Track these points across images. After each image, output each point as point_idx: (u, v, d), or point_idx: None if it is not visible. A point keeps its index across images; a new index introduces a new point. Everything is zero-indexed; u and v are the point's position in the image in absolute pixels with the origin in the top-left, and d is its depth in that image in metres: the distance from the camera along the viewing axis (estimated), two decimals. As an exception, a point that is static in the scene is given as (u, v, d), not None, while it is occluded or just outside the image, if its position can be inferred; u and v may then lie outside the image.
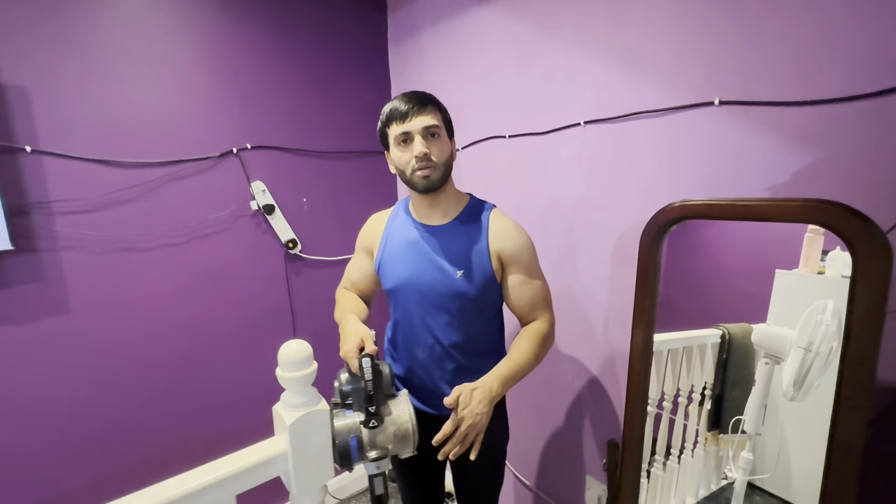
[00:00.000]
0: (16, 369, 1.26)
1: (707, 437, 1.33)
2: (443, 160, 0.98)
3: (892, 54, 0.76)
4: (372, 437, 0.90)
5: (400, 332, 1.11)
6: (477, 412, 0.90)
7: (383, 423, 0.91)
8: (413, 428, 0.93)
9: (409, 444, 0.94)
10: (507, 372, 0.96)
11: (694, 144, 1.03)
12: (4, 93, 1.18)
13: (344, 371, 0.96)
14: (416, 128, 0.95)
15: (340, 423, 0.90)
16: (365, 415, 0.90)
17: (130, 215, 1.40)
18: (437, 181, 0.98)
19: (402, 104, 0.96)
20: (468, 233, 1.04)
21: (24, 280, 1.25)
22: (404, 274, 1.05)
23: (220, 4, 1.51)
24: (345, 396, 0.94)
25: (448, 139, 1.01)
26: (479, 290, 1.02)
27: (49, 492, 1.32)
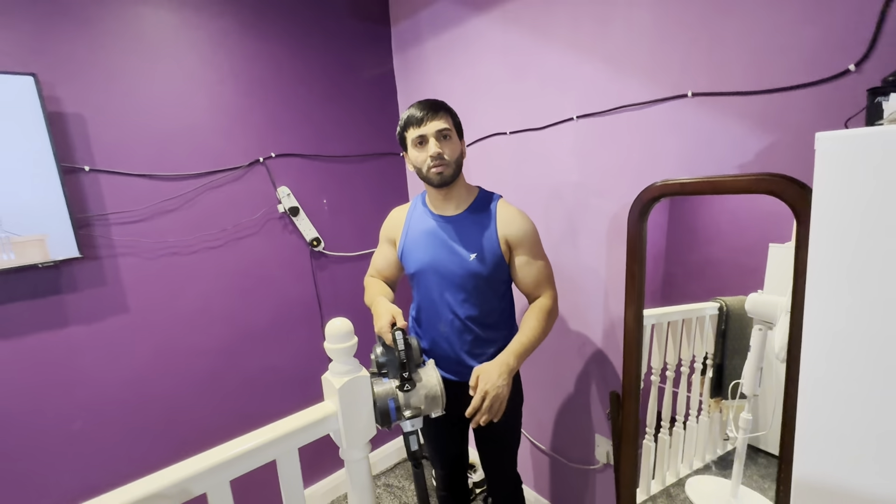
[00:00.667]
0: (88, 364, 1.43)
1: (710, 403, 1.45)
2: (454, 158, 1.13)
3: (831, 47, 0.90)
4: (406, 399, 1.05)
5: (423, 310, 1.27)
6: (498, 384, 1.06)
7: (415, 388, 1.06)
8: (441, 391, 1.08)
9: (439, 405, 1.08)
10: (519, 347, 1.12)
11: (672, 132, 1.17)
12: (66, 120, 1.35)
13: (378, 345, 1.11)
14: (431, 131, 1.10)
15: (379, 389, 1.05)
16: (399, 380, 1.05)
17: (175, 223, 1.57)
18: (450, 177, 1.13)
19: (418, 111, 1.11)
20: (479, 221, 1.18)
21: (92, 284, 1.42)
22: (425, 259, 1.20)
23: (242, 30, 1.66)
24: (380, 367, 1.09)
25: (458, 140, 1.16)
26: (491, 270, 1.17)
27: (125, 464, 1.49)
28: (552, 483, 1.82)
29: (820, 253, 0.52)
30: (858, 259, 0.49)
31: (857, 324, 0.52)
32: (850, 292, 0.51)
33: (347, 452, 1.05)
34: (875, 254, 0.48)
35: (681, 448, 1.46)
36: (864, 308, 0.51)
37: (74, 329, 1.40)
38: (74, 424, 1.41)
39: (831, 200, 0.49)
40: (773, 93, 0.98)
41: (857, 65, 0.87)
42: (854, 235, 0.49)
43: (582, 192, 1.44)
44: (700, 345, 1.36)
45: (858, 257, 0.50)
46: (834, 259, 0.51)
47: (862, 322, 0.52)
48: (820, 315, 0.54)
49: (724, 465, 1.45)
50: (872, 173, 0.45)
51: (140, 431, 1.54)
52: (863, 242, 0.48)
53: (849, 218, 0.48)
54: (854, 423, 0.56)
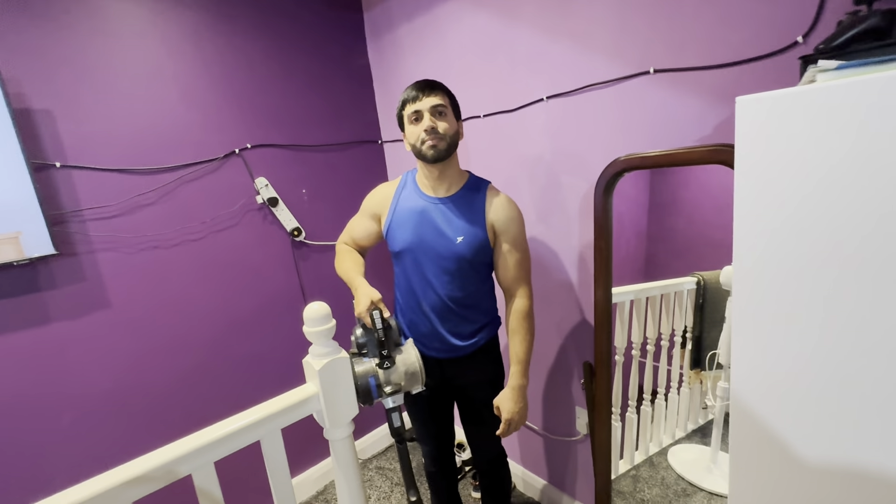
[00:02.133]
0: (73, 359, 1.44)
1: (690, 375, 1.51)
2: (449, 134, 1.15)
3: (781, 20, 0.93)
4: (387, 376, 1.09)
5: (407, 288, 1.28)
6: (516, 409, 1.20)
7: (395, 365, 1.10)
8: (420, 367, 1.12)
9: (418, 381, 1.12)
10: (522, 366, 1.22)
11: (637, 108, 1.20)
12: (33, 116, 1.33)
13: (358, 327, 1.14)
14: (426, 106, 1.13)
15: (360, 368, 1.08)
16: (379, 358, 1.09)
17: (152, 217, 1.57)
18: (444, 151, 1.15)
19: (414, 89, 1.15)
20: (468, 205, 1.21)
21: (70, 281, 1.42)
22: (412, 238, 1.22)
23: (213, 22, 1.65)
24: (360, 347, 1.12)
25: (454, 119, 1.18)
26: (475, 253, 1.20)
27: (115, 455, 1.50)
28: (537, 456, 1.88)
29: (743, 207, 0.56)
30: (774, 209, 0.54)
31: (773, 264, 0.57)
32: (770, 238, 0.56)
33: (331, 432, 1.08)
34: (789, 205, 0.53)
35: (663, 419, 1.52)
36: (781, 251, 0.56)
37: (56, 325, 1.40)
38: (63, 419, 1.43)
39: (749, 156, 0.53)
40: (728, 66, 1.02)
41: (805, 36, 0.90)
42: (771, 185, 0.53)
43: (555, 171, 1.47)
44: (679, 319, 1.41)
45: (775, 207, 0.54)
46: (754, 209, 0.55)
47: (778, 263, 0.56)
48: (743, 262, 0.59)
49: (705, 434, 1.52)
50: (781, 129, 0.49)
51: (128, 423, 1.55)
52: (779, 194, 0.53)
53: (765, 171, 0.53)
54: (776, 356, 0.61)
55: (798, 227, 0.53)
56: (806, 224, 0.52)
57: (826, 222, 0.51)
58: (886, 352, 0.50)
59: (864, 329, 0.51)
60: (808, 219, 0.51)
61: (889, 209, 0.46)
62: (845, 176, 0.48)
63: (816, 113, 0.46)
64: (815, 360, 0.56)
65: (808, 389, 0.58)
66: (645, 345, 1.46)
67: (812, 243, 0.52)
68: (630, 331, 1.43)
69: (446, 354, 1.28)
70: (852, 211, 0.48)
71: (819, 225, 0.51)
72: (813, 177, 0.50)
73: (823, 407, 0.57)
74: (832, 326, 0.54)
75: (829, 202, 0.50)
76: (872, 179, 0.46)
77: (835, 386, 0.56)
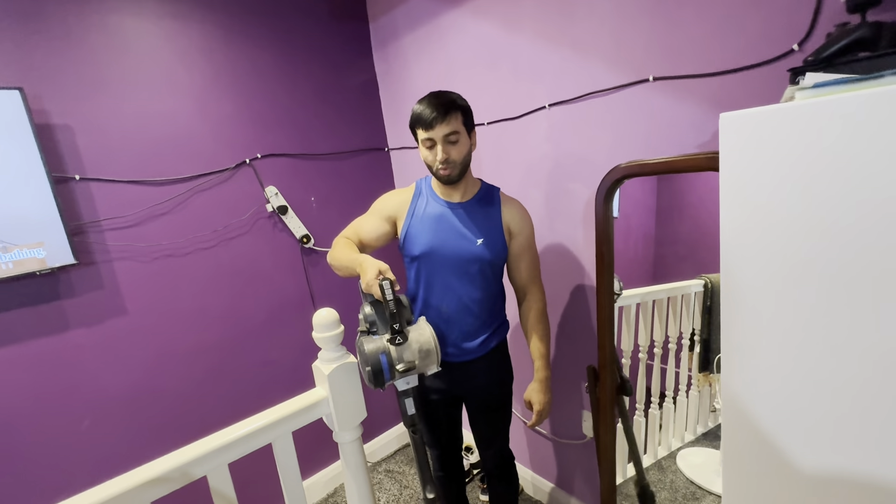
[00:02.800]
0: (91, 365, 1.49)
1: (699, 378, 1.51)
2: (461, 159, 1.18)
3: (771, 33, 0.95)
4: (399, 352, 0.99)
5: (425, 293, 1.29)
6: (548, 399, 1.28)
7: (408, 341, 1.00)
8: (435, 344, 1.02)
9: (434, 360, 1.02)
10: (545, 358, 1.28)
11: (638, 115, 1.22)
12: (54, 131, 1.39)
13: (366, 304, 1.06)
14: (438, 136, 1.13)
15: (370, 346, 0.99)
16: (391, 333, 0.99)
17: (167, 226, 1.62)
18: (457, 177, 1.20)
19: (429, 112, 1.11)
20: (484, 209, 1.26)
21: (89, 289, 1.47)
22: (433, 242, 1.24)
23: (224, 35, 1.70)
24: (370, 325, 1.03)
25: (467, 138, 1.19)
26: (495, 255, 1.24)
27: (131, 459, 1.55)
28: (545, 459, 1.89)
29: (728, 215, 0.59)
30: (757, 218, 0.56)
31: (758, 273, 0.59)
32: (754, 248, 0.58)
33: (340, 435, 1.11)
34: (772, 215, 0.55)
35: (671, 422, 1.52)
36: (765, 261, 0.58)
37: (75, 333, 1.46)
38: (82, 423, 1.48)
39: (733, 169, 0.56)
40: (725, 74, 1.03)
41: (800, 44, 0.91)
42: (753, 196, 0.55)
43: (557, 177, 1.49)
44: (687, 321, 1.41)
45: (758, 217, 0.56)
46: (739, 218, 0.57)
47: (762, 272, 0.58)
48: (730, 272, 0.61)
49: (715, 437, 1.51)
50: (762, 144, 0.52)
51: (143, 427, 1.60)
52: (761, 204, 0.55)
53: (747, 183, 0.55)
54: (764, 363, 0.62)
55: (780, 238, 0.55)
56: (788, 235, 0.54)
57: (806, 233, 0.53)
58: (869, 358, 0.51)
59: (847, 336, 0.53)
60: (790, 229, 0.53)
61: (862, 221, 0.48)
62: (823, 188, 0.50)
63: (794, 130, 0.48)
64: (800, 366, 0.57)
65: (794, 395, 0.59)
66: (652, 347, 1.47)
67: (794, 253, 0.54)
68: (637, 333, 1.44)
69: (458, 358, 1.30)
70: (830, 223, 0.50)
71: (800, 236, 0.53)
72: (792, 188, 0.52)
73: (810, 413, 0.58)
74: (816, 333, 0.55)
75: (808, 214, 0.52)
76: (847, 193, 0.48)
77: (818, 391, 0.57)
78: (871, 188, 0.46)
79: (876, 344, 0.50)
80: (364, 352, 0.99)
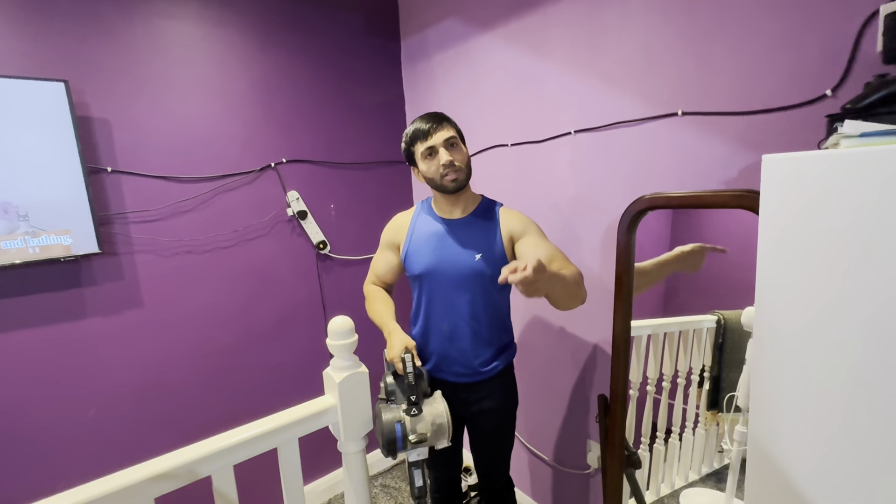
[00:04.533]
0: (104, 354, 1.51)
1: (707, 416, 1.47)
2: (465, 164, 1.19)
3: (803, 76, 0.96)
4: (413, 423, 1.06)
5: (426, 311, 1.29)
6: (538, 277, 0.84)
7: (422, 413, 1.07)
8: (448, 420, 1.08)
9: (445, 435, 1.08)
10: (555, 273, 0.98)
11: (663, 148, 1.23)
12: (92, 124, 1.44)
13: (388, 374, 1.14)
14: (439, 141, 1.15)
15: (388, 415, 1.05)
16: (407, 404, 1.07)
17: (190, 223, 1.65)
18: (464, 181, 1.19)
19: (424, 124, 1.17)
20: (483, 223, 1.24)
21: (109, 279, 1.50)
22: (431, 260, 1.24)
23: (260, 43, 1.76)
24: (389, 394, 1.11)
25: (464, 146, 1.22)
26: (495, 270, 1.21)
27: (135, 451, 1.55)
28: (545, 487, 1.85)
29: (766, 255, 0.58)
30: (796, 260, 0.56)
31: (793, 313, 0.58)
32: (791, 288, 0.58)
33: (345, 445, 1.10)
34: (811, 258, 0.55)
35: (676, 460, 1.48)
36: (801, 301, 0.57)
37: (92, 321, 1.48)
38: (89, 411, 1.49)
39: (773, 210, 0.56)
40: (756, 114, 1.04)
41: (834, 90, 0.92)
42: (793, 238, 0.55)
43: (578, 203, 1.50)
44: (697, 357, 1.39)
45: (797, 259, 0.56)
46: (777, 258, 0.57)
47: (798, 313, 0.58)
48: (765, 309, 0.60)
49: (720, 479, 1.47)
50: (804, 188, 0.52)
51: (150, 421, 1.60)
52: (799, 248, 0.55)
53: (788, 224, 0.55)
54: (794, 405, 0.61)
55: (819, 283, 0.54)
56: (827, 281, 0.53)
57: (845, 277, 0.52)
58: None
59: (886, 383, 0.52)
60: (829, 276, 0.53)
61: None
62: (865, 237, 0.50)
63: (838, 176, 0.48)
64: (833, 411, 0.56)
65: (825, 440, 0.58)
66: (661, 381, 1.44)
67: (833, 300, 0.53)
68: (646, 366, 1.42)
69: (463, 379, 1.29)
70: (872, 269, 0.50)
71: (838, 279, 0.53)
72: (832, 233, 0.51)
73: (842, 458, 0.57)
74: (851, 378, 0.54)
75: (848, 259, 0.51)
76: (889, 241, 0.47)
77: (853, 438, 0.56)
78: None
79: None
80: (381, 419, 1.04)
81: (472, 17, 1.74)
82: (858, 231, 0.50)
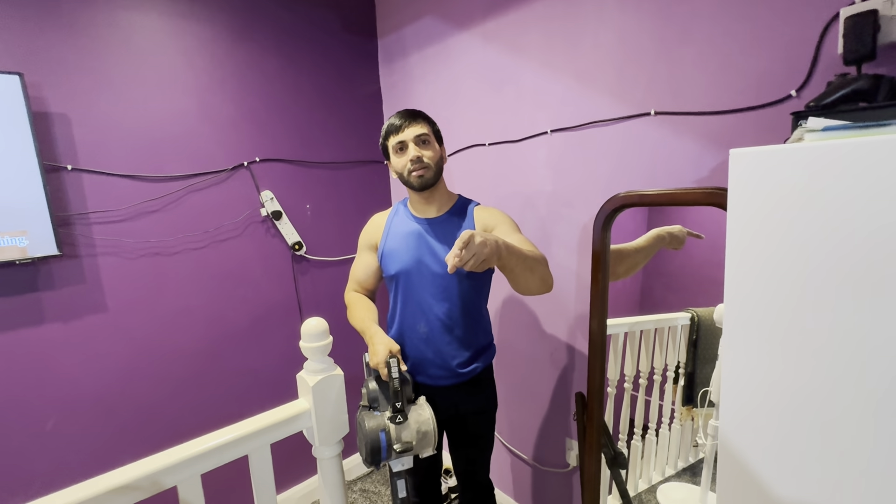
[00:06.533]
0: (64, 362, 1.43)
1: (682, 411, 1.50)
2: (434, 162, 1.18)
3: (770, 77, 0.98)
4: (398, 431, 1.02)
5: (402, 312, 1.28)
6: (481, 241, 0.87)
7: (407, 420, 1.04)
8: (433, 427, 1.05)
9: (430, 442, 1.06)
10: (508, 242, 0.96)
11: (637, 147, 1.25)
12: (50, 119, 1.37)
13: (371, 379, 1.11)
14: (409, 136, 1.15)
15: (371, 423, 1.02)
16: (391, 411, 1.03)
17: (157, 224, 1.58)
18: (431, 179, 1.18)
19: (397, 119, 1.17)
20: (459, 223, 1.24)
21: (69, 282, 1.43)
22: (406, 260, 1.23)
23: (232, 38, 1.71)
24: (372, 401, 1.08)
25: (437, 145, 1.21)
26: (470, 269, 1.20)
27: (98, 465, 1.48)
28: (525, 487, 1.85)
29: (734, 249, 0.59)
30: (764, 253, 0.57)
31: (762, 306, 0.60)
32: (759, 281, 0.59)
33: (319, 450, 1.07)
34: (778, 250, 0.56)
35: (653, 455, 1.50)
36: (770, 294, 0.58)
37: (50, 327, 1.40)
38: (47, 423, 1.41)
39: (740, 203, 0.57)
40: (726, 114, 1.06)
41: (798, 90, 0.95)
42: (760, 231, 0.56)
43: (554, 202, 1.50)
44: (673, 354, 1.41)
45: (765, 252, 0.57)
46: (745, 252, 0.58)
47: (767, 305, 0.59)
48: (733, 303, 0.61)
49: (695, 472, 1.49)
50: (770, 181, 0.53)
51: (115, 432, 1.53)
52: (766, 241, 0.56)
53: (754, 217, 0.56)
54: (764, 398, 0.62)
55: (786, 274, 0.55)
56: (793, 269, 0.54)
57: (812, 268, 0.54)
58: (874, 397, 0.51)
59: (852, 374, 0.53)
60: (795, 263, 0.54)
61: (868, 259, 0.49)
62: (829, 226, 0.51)
63: (802, 169, 0.49)
64: (802, 404, 0.58)
65: (795, 432, 0.59)
66: (638, 378, 1.46)
67: (800, 288, 0.55)
68: (623, 363, 1.43)
69: (441, 382, 1.27)
70: (836, 259, 0.51)
71: (805, 270, 0.54)
72: (799, 225, 0.53)
73: (811, 450, 0.58)
74: (820, 370, 0.55)
75: (814, 250, 0.53)
76: (853, 232, 0.49)
77: (821, 429, 0.57)
78: (878, 226, 0.47)
79: (887, 390, 0.50)
80: (364, 428, 1.01)
81: (449, 15, 1.74)
82: (823, 222, 0.51)
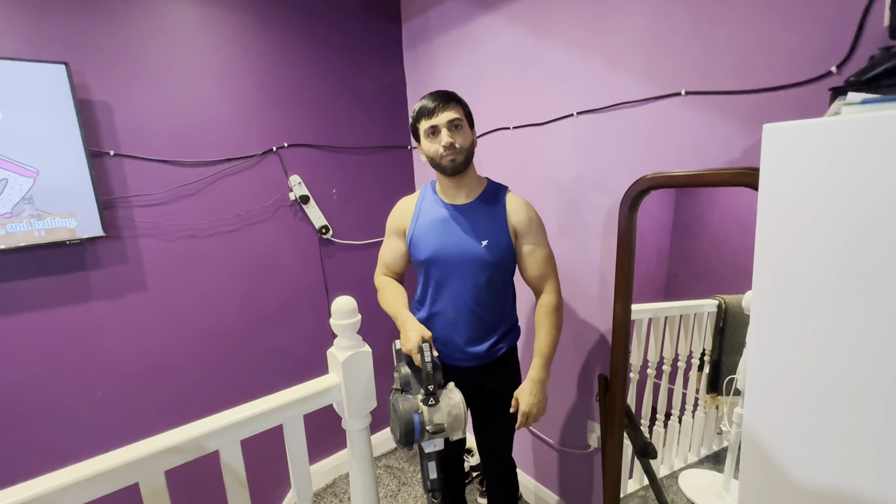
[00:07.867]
0: (110, 337, 1.53)
1: (706, 399, 1.49)
2: (466, 147, 1.18)
3: (809, 54, 0.95)
4: (430, 414, 1.06)
5: (430, 296, 1.30)
6: (537, 401, 1.19)
7: (439, 404, 1.08)
8: (464, 410, 1.09)
9: (461, 425, 1.09)
10: (543, 360, 1.22)
11: (666, 128, 1.22)
12: (94, 107, 1.44)
13: (403, 364, 1.14)
14: (442, 121, 1.15)
15: (405, 405, 1.06)
16: (424, 394, 1.07)
17: (192, 207, 1.65)
18: (462, 164, 1.18)
19: (430, 102, 1.16)
20: (489, 210, 1.24)
21: (113, 262, 1.51)
22: (436, 245, 1.24)
23: (260, 25, 1.74)
24: (405, 384, 1.12)
25: (469, 130, 1.21)
26: (499, 256, 1.22)
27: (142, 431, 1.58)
28: (549, 470, 1.88)
29: (765, 230, 0.58)
30: (795, 234, 0.56)
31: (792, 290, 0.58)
32: (790, 263, 0.57)
33: (349, 422, 1.12)
34: (810, 231, 0.55)
35: (675, 442, 1.50)
36: (800, 278, 0.57)
37: (97, 304, 1.49)
38: (97, 393, 1.51)
39: (772, 180, 0.55)
40: (759, 92, 1.03)
41: (839, 66, 0.91)
42: (793, 211, 0.55)
43: (580, 185, 1.49)
44: (698, 341, 1.40)
45: (796, 232, 0.56)
46: (776, 233, 0.57)
47: (797, 289, 0.58)
48: (762, 286, 0.60)
49: (718, 460, 1.48)
50: (805, 157, 0.51)
51: (153, 403, 1.63)
52: (800, 219, 0.55)
53: (787, 196, 0.55)
54: (791, 387, 0.62)
55: (819, 254, 0.54)
56: (826, 251, 0.53)
57: (847, 251, 0.52)
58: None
59: (882, 362, 0.52)
60: (828, 246, 0.53)
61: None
62: (866, 206, 0.49)
63: (839, 144, 0.48)
64: (830, 391, 0.57)
65: (822, 420, 0.58)
66: (661, 364, 1.45)
67: (833, 272, 0.53)
68: (647, 349, 1.43)
69: (465, 363, 1.30)
70: (873, 241, 0.49)
71: (840, 253, 0.52)
72: (834, 205, 0.51)
73: (837, 438, 0.57)
74: (850, 357, 0.54)
75: (849, 231, 0.51)
76: (893, 214, 0.47)
77: (849, 418, 0.56)
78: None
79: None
80: (398, 409, 1.05)
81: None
82: (862, 202, 0.49)
